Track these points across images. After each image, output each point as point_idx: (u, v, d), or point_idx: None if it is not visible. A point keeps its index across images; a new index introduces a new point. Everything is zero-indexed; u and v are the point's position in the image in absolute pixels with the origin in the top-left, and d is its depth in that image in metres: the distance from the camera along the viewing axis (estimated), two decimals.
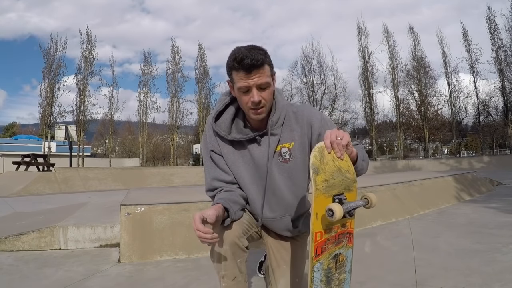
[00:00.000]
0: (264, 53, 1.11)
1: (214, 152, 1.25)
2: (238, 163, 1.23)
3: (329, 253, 1.00)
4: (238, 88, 1.11)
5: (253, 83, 1.09)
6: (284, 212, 1.26)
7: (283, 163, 1.21)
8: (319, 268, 0.98)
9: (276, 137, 1.20)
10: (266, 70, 1.11)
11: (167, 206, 2.51)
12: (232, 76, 1.13)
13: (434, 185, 4.63)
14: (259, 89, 1.11)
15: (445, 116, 21.71)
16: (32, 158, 10.22)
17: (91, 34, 19.05)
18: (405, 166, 14.83)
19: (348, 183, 1.02)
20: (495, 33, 18.76)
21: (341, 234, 1.02)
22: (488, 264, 1.93)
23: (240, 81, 1.10)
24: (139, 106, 20.27)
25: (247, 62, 1.06)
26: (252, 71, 1.07)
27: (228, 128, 1.22)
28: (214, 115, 1.23)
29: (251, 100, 1.10)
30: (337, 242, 1.02)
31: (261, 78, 1.09)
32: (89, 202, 4.45)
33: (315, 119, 1.21)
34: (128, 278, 1.96)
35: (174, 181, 9.85)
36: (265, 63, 1.10)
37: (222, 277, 1.12)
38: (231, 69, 1.11)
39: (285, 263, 1.29)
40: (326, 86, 21.42)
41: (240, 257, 1.12)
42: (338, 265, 1.03)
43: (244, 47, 1.10)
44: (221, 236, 1.08)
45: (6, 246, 2.51)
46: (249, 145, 1.22)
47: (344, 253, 1.04)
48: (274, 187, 1.22)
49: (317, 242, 0.97)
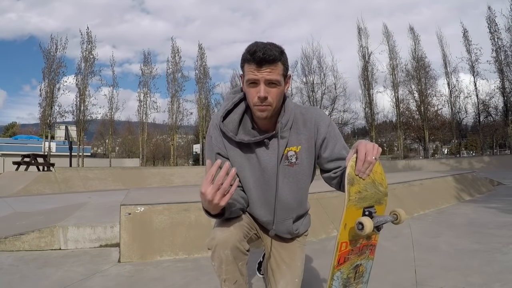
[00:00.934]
0: (280, 51, 1.08)
1: (220, 155, 1.21)
2: (244, 166, 1.20)
3: (351, 263, 0.99)
4: (247, 81, 1.09)
5: (262, 76, 1.06)
6: (286, 215, 1.24)
7: (289, 167, 1.19)
8: (339, 277, 0.97)
9: (284, 140, 1.17)
10: (278, 68, 1.08)
11: (167, 206, 2.51)
12: (244, 69, 1.10)
13: (434, 185, 4.64)
14: (268, 85, 1.08)
15: (445, 116, 21.72)
16: (32, 158, 10.22)
17: (91, 34, 19.10)
18: (405, 166, 14.84)
19: (380, 196, 1.00)
20: (495, 33, 18.77)
21: (365, 246, 1.01)
22: (488, 264, 1.93)
23: (250, 73, 1.07)
24: (139, 106, 20.31)
25: (259, 55, 1.03)
26: (263, 65, 1.05)
27: (236, 129, 1.18)
28: (223, 114, 1.18)
29: (258, 94, 1.07)
30: (360, 253, 1.01)
31: (271, 74, 1.06)
32: (89, 202, 4.45)
33: (323, 123, 1.19)
34: (128, 278, 1.96)
35: (174, 181, 9.84)
36: (278, 61, 1.07)
37: (224, 281, 1.10)
38: (244, 60, 1.08)
39: (284, 264, 1.29)
40: (326, 86, 21.44)
41: (242, 260, 1.11)
42: (357, 275, 1.02)
43: (261, 42, 1.08)
44: (222, 241, 1.07)
45: (6, 246, 2.51)
46: (256, 148, 1.19)
47: (365, 264, 1.03)
48: (279, 192, 1.19)
49: (342, 251, 0.96)
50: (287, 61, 1.12)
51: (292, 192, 1.21)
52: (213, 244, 1.08)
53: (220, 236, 1.07)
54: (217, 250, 1.08)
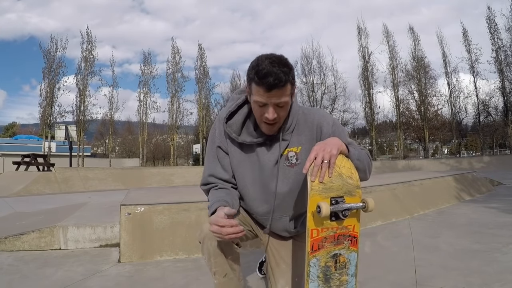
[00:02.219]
0: (289, 71, 1.05)
1: (220, 148, 1.24)
2: (243, 163, 1.22)
3: (327, 252, 1.03)
4: (255, 101, 1.08)
5: (270, 101, 1.05)
6: (283, 213, 1.25)
7: (289, 168, 1.19)
8: (316, 264, 1.02)
9: (285, 142, 1.19)
10: (287, 89, 1.06)
11: (167, 206, 2.51)
12: (251, 86, 1.08)
13: (434, 185, 4.63)
14: (276, 107, 1.07)
15: (445, 116, 21.70)
16: (32, 158, 10.22)
17: (91, 34, 19.06)
18: (405, 166, 14.82)
19: (350, 188, 1.03)
20: (495, 33, 18.73)
21: (341, 235, 1.04)
22: (488, 264, 1.93)
23: (258, 95, 1.06)
24: (139, 106, 20.26)
25: (269, 81, 1.01)
26: (273, 90, 1.03)
27: (239, 130, 1.20)
28: (226, 115, 1.19)
29: (266, 116, 1.07)
30: (336, 243, 1.03)
31: (281, 98, 1.05)
32: (89, 202, 4.45)
33: (326, 123, 1.19)
34: (128, 278, 1.96)
35: (174, 181, 9.84)
36: (288, 82, 1.05)
37: (214, 274, 1.13)
38: (251, 80, 1.06)
39: (284, 263, 1.29)
40: (326, 86, 21.43)
41: (231, 254, 1.12)
42: (338, 265, 1.04)
43: (268, 60, 1.03)
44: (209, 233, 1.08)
45: (6, 246, 2.51)
46: (257, 148, 1.20)
47: (346, 255, 1.05)
48: (278, 191, 1.20)
49: (313, 238, 1.01)
50: (294, 77, 1.10)
51: (292, 192, 1.21)
52: (202, 236, 1.11)
53: (207, 229, 1.08)
54: (205, 242, 1.10)
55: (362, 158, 1.12)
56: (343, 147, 1.06)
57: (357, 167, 1.08)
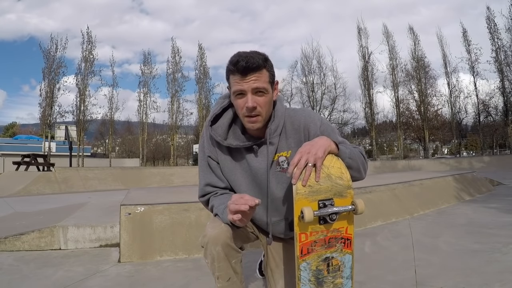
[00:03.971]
0: (264, 58, 1.07)
1: (211, 158, 1.22)
2: (236, 171, 1.21)
3: (318, 255, 1.00)
4: (233, 92, 1.08)
5: (248, 86, 1.05)
6: (280, 217, 1.24)
7: (282, 173, 1.17)
8: (306, 268, 0.99)
9: (273, 147, 1.17)
10: (264, 75, 1.07)
11: (167, 206, 2.51)
12: (229, 80, 1.10)
13: (434, 185, 4.63)
14: (255, 94, 1.07)
15: (445, 116, 21.72)
16: (32, 158, 10.22)
17: (91, 34, 19.05)
18: (405, 166, 14.81)
19: (340, 189, 1.00)
20: (494, 33, 18.73)
21: (332, 238, 1.01)
22: (488, 264, 1.93)
23: (235, 84, 1.07)
24: (139, 106, 20.26)
25: (242, 64, 1.03)
26: (248, 74, 1.04)
27: (225, 133, 1.18)
28: (211, 118, 1.19)
29: (246, 105, 1.06)
30: (328, 246, 1.01)
31: (257, 82, 1.05)
32: (89, 202, 4.44)
33: (313, 124, 1.17)
34: (128, 278, 1.96)
35: (174, 181, 9.84)
36: (263, 68, 1.07)
37: (217, 278, 1.12)
38: (229, 72, 1.09)
39: (284, 264, 1.29)
40: (326, 86, 21.42)
41: (234, 258, 1.12)
42: (331, 268, 1.02)
43: (244, 51, 1.07)
44: (213, 238, 1.08)
45: (6, 246, 2.51)
46: (246, 154, 1.18)
47: (339, 257, 1.03)
48: (273, 197, 1.19)
49: (302, 242, 0.98)
50: (272, 67, 1.11)
51: (286, 196, 1.20)
52: (205, 241, 1.10)
53: (211, 233, 1.08)
54: (209, 247, 1.09)
55: (355, 157, 1.09)
56: (332, 147, 1.04)
57: (350, 166, 1.06)
